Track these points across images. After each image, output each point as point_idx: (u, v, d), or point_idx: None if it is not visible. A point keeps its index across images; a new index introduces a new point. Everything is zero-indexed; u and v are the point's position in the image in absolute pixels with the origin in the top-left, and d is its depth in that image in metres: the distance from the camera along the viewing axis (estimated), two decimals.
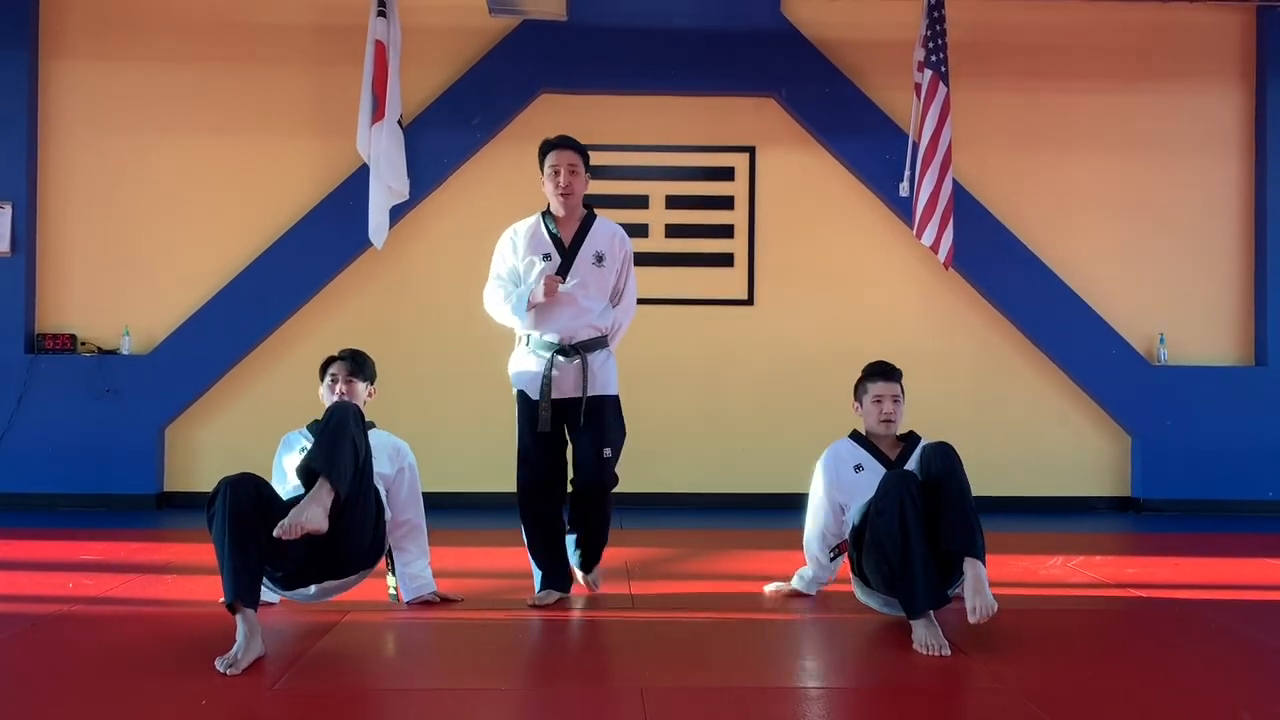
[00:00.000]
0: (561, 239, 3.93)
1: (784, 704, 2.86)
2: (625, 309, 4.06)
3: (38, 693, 2.90)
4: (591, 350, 3.89)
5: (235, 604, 3.14)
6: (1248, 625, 3.76)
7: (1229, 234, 7.01)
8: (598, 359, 3.91)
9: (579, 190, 3.94)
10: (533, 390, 3.88)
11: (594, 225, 3.98)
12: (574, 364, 3.85)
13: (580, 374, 3.85)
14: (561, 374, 3.85)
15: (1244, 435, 6.78)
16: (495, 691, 2.98)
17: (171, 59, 6.74)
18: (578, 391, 3.85)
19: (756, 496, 6.78)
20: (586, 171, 3.99)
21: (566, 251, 3.91)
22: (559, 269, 3.88)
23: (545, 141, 3.99)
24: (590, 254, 3.91)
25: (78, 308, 6.72)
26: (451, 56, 6.80)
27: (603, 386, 3.91)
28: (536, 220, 3.99)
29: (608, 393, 3.93)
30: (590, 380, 3.86)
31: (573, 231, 3.95)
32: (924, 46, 6.33)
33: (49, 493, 6.50)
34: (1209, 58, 7.00)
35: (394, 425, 4.19)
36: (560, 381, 3.85)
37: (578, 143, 3.97)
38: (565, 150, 3.93)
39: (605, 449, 3.86)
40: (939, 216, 6.25)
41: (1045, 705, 2.81)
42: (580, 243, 3.92)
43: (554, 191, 3.92)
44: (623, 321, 4.07)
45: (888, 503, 3.42)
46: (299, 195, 6.71)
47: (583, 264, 3.90)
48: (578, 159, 3.94)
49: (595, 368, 3.89)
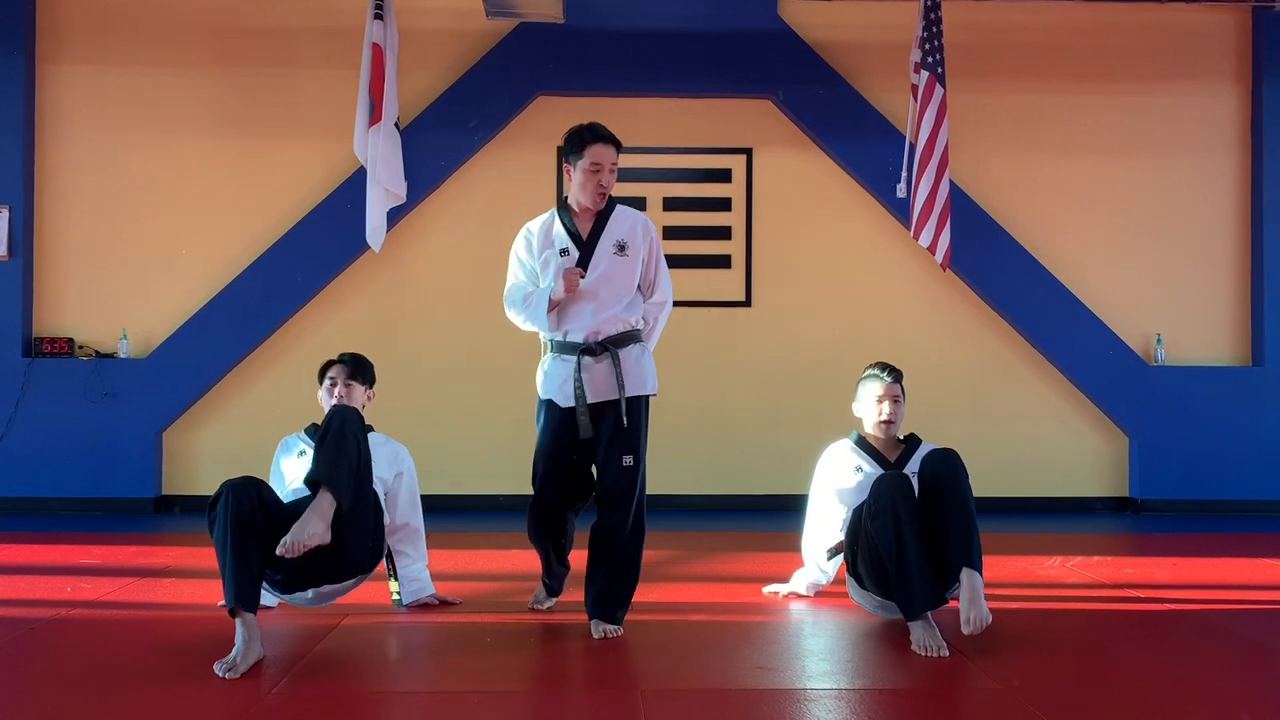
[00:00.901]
0: (579, 232, 3.62)
1: (784, 705, 2.87)
2: (660, 302, 3.72)
3: (36, 697, 2.89)
4: (622, 345, 3.55)
5: (236, 608, 3.14)
6: (1244, 626, 3.76)
7: (1225, 235, 7.02)
8: (630, 355, 3.57)
9: (612, 188, 3.63)
10: (561, 397, 3.56)
11: (613, 213, 3.66)
12: (604, 363, 3.53)
13: (613, 372, 3.52)
14: (591, 374, 3.52)
15: (1241, 436, 6.79)
16: (495, 694, 2.98)
17: (168, 63, 6.74)
18: (610, 393, 3.51)
19: (755, 498, 6.78)
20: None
21: (585, 244, 3.59)
22: (578, 262, 3.57)
23: (583, 130, 3.61)
24: (611, 243, 3.59)
25: (75, 311, 6.72)
26: (448, 59, 6.80)
27: (638, 385, 3.57)
28: (551, 216, 3.69)
29: (643, 392, 3.59)
30: (625, 378, 3.51)
31: (591, 223, 3.63)
32: (921, 48, 6.33)
33: (47, 496, 6.49)
34: (1205, 58, 7.02)
35: (392, 428, 4.20)
36: (593, 383, 3.52)
37: (617, 138, 3.63)
38: (609, 146, 3.58)
39: (626, 456, 3.53)
40: (936, 217, 6.26)
41: (1043, 706, 2.81)
42: (599, 233, 3.61)
43: (591, 189, 3.57)
44: (658, 316, 3.73)
45: (881, 505, 3.43)
46: (296, 198, 6.71)
47: (604, 255, 3.58)
48: (617, 157, 3.62)
49: (629, 364, 3.55)
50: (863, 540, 3.58)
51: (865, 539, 3.55)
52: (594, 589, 3.58)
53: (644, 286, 3.67)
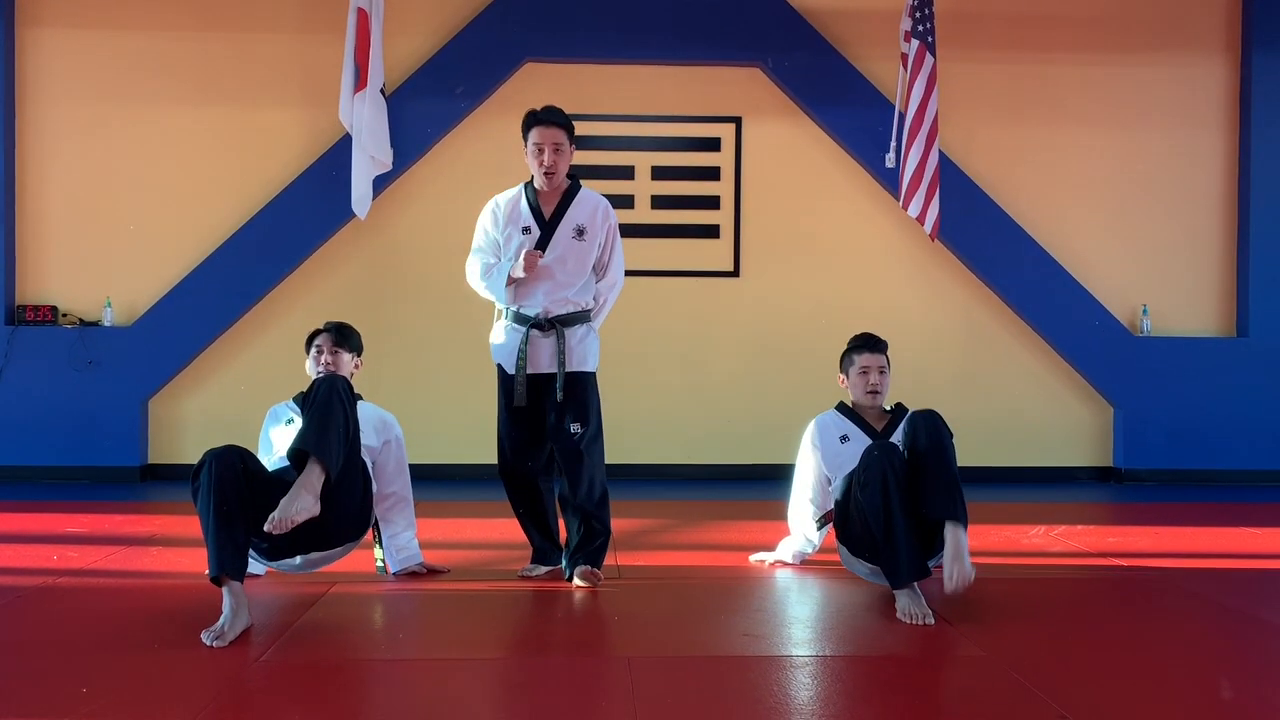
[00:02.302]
0: (542, 211, 3.83)
1: (769, 672, 2.89)
2: (610, 284, 3.96)
3: (23, 666, 2.89)
4: (569, 325, 3.81)
5: (221, 577, 3.14)
6: (1226, 593, 3.81)
7: (1212, 206, 7.03)
8: (576, 334, 3.83)
9: (563, 168, 3.82)
10: (509, 364, 3.83)
11: (576, 197, 3.87)
12: (550, 338, 3.78)
13: (556, 348, 3.77)
14: (536, 348, 3.78)
15: (1224, 406, 6.83)
16: (482, 661, 2.99)
17: (151, 26, 6.65)
18: (553, 366, 3.77)
19: (742, 467, 6.80)
20: (571, 145, 3.85)
21: (547, 224, 3.82)
22: (538, 242, 3.79)
23: (530, 115, 3.84)
24: (571, 227, 3.81)
25: (59, 279, 6.66)
26: (435, 25, 6.72)
27: (579, 362, 3.82)
28: (519, 192, 3.90)
29: (584, 369, 3.83)
30: (567, 355, 3.78)
31: (554, 204, 3.85)
32: (911, 16, 6.30)
33: (32, 465, 6.46)
34: (1195, 29, 6.99)
35: (380, 396, 4.20)
36: (535, 356, 3.78)
37: (564, 116, 3.82)
38: (550, 128, 3.79)
39: (574, 424, 3.75)
40: (925, 188, 6.25)
41: (1027, 673, 2.85)
42: (561, 215, 3.83)
43: (537, 169, 3.81)
44: (608, 297, 3.98)
45: (870, 475, 3.44)
46: (282, 165, 6.65)
47: (562, 237, 3.80)
48: (563, 136, 3.80)
49: (573, 343, 3.81)
50: (852, 511, 3.60)
51: (854, 510, 3.57)
52: (568, 550, 3.89)
53: (598, 269, 3.90)
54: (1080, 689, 2.75)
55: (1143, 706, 2.65)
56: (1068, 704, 2.61)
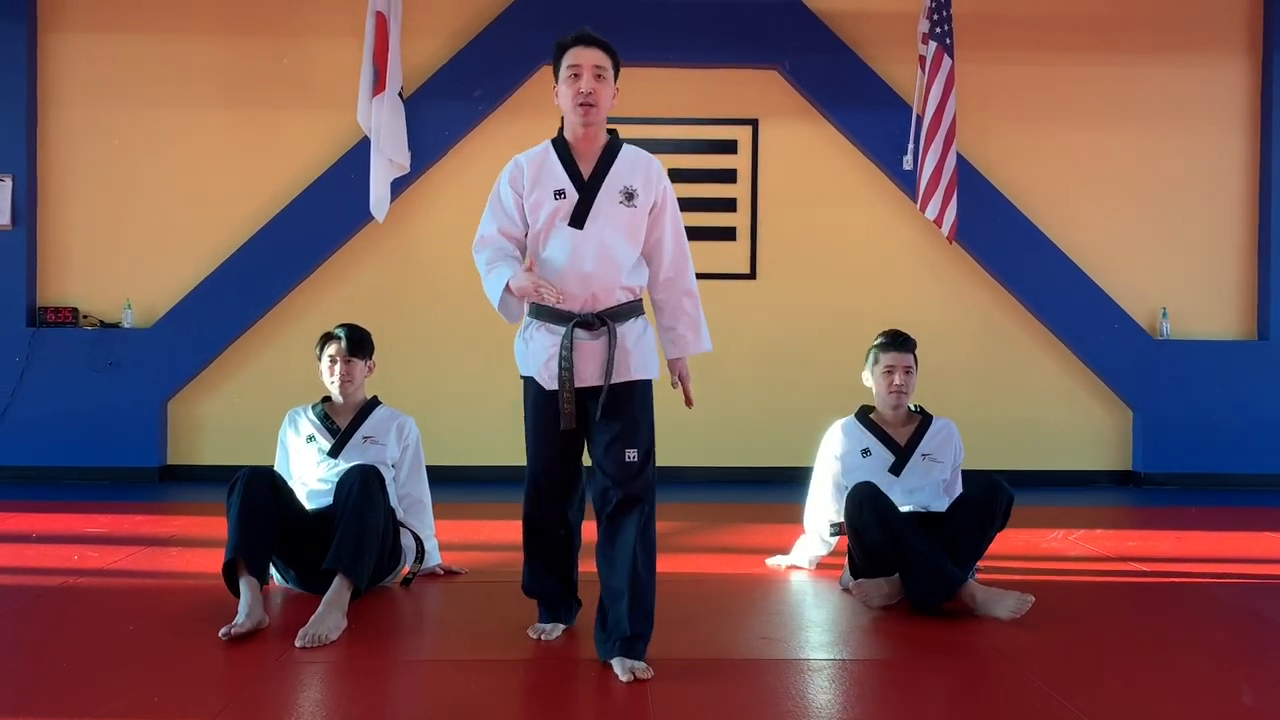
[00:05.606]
0: (580, 170, 2.99)
1: (786, 676, 2.88)
2: (676, 265, 3.08)
3: (44, 664, 2.91)
4: (622, 320, 2.97)
5: (237, 561, 3.23)
6: (1248, 599, 3.78)
7: (1233, 208, 6.97)
8: (632, 332, 2.98)
9: (605, 103, 2.95)
10: (546, 376, 2.97)
11: (620, 152, 3.01)
12: (599, 340, 2.94)
13: (605, 352, 2.93)
14: (582, 353, 2.93)
15: (1245, 409, 6.78)
16: (498, 662, 2.99)
17: (172, 30, 6.69)
18: (603, 377, 2.93)
19: (758, 470, 6.79)
20: (616, 83, 3.02)
21: (586, 186, 2.96)
22: (576, 208, 2.93)
23: (564, 38, 3.02)
24: (617, 189, 2.95)
25: (79, 281, 6.71)
26: (453, 28, 6.74)
27: (640, 368, 2.97)
28: (545, 148, 3.03)
29: (644, 376, 2.99)
30: (619, 361, 2.93)
31: (594, 161, 2.98)
32: (928, 18, 6.28)
33: (52, 466, 6.51)
34: (1215, 29, 6.94)
35: (397, 398, 4.20)
36: (581, 363, 2.93)
37: (607, 42, 3.01)
38: (590, 48, 2.95)
39: (629, 450, 2.93)
40: (943, 190, 6.22)
41: (1045, 677, 2.83)
42: (604, 175, 2.97)
43: (572, 102, 2.93)
44: (684, 295, 3.13)
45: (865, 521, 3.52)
46: (300, 168, 6.68)
47: (606, 203, 2.94)
48: (606, 61, 2.96)
49: (629, 344, 2.96)
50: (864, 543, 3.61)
51: (864, 543, 3.59)
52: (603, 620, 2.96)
53: (647, 246, 3.05)
54: (1103, 694, 2.73)
55: (1165, 711, 2.63)
56: (1091, 710, 2.60)
